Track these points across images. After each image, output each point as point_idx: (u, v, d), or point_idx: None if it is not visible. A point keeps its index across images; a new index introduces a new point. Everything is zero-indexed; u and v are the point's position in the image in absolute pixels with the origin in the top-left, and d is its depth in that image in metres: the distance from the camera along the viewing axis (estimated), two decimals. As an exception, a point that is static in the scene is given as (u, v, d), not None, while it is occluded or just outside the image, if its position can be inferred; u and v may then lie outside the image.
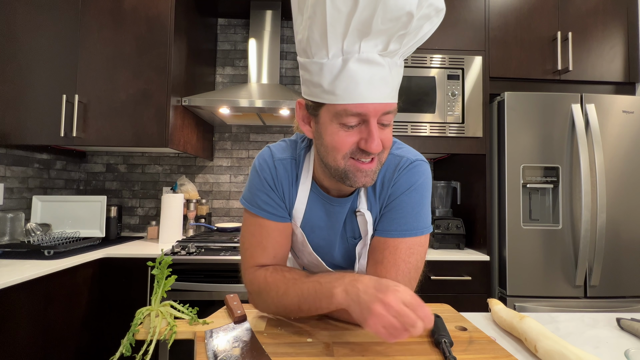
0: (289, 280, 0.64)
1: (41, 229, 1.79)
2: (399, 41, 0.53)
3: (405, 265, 0.65)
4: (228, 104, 1.85)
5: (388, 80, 0.55)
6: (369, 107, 0.54)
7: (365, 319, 0.50)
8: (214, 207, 2.36)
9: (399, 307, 0.49)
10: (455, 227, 1.86)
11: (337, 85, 0.54)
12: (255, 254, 0.70)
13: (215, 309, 0.76)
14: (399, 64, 0.57)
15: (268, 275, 0.67)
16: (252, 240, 0.71)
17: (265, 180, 0.70)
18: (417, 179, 0.68)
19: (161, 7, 1.81)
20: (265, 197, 0.70)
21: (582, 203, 1.61)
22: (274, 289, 0.65)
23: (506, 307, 0.81)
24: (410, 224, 0.66)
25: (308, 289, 0.60)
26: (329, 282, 0.58)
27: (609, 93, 1.91)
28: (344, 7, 0.49)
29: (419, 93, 1.82)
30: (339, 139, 0.58)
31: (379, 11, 0.48)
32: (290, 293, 0.62)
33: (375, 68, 0.53)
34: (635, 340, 0.72)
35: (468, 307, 1.19)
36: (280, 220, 0.70)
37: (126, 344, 0.62)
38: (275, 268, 0.68)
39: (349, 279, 0.56)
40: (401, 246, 0.65)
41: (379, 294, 0.51)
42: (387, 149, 0.61)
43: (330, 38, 0.52)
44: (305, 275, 0.63)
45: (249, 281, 0.70)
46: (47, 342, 1.31)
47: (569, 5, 1.88)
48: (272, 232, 0.70)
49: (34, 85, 1.74)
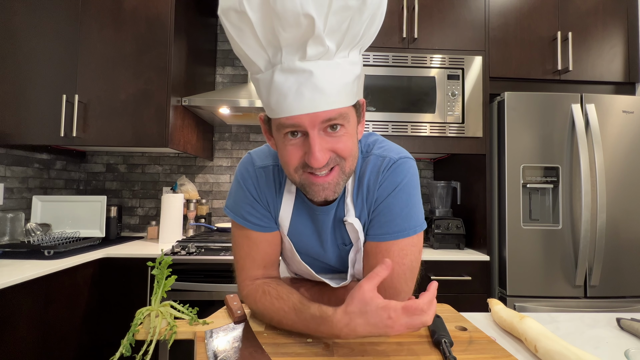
0: (279, 310, 0.62)
1: (41, 229, 1.79)
2: (319, 43, 0.48)
3: (399, 267, 0.63)
4: (228, 104, 1.85)
5: (321, 86, 0.49)
6: (303, 119, 0.51)
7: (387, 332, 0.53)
8: (214, 207, 2.36)
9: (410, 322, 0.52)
10: (455, 227, 1.86)
11: (270, 99, 0.52)
12: (246, 265, 0.70)
13: (215, 309, 0.76)
14: (349, 62, 0.52)
15: (258, 299, 0.66)
16: (241, 253, 0.71)
17: (248, 191, 0.69)
18: (402, 178, 0.65)
19: (161, 7, 1.81)
20: (250, 208, 0.69)
21: (582, 203, 1.61)
22: (267, 317, 0.65)
23: (506, 307, 0.81)
24: (400, 226, 0.64)
25: (301, 328, 0.60)
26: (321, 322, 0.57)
27: (609, 93, 1.91)
28: (243, 26, 0.48)
29: (419, 93, 1.82)
30: (286, 153, 0.56)
31: (275, 21, 0.46)
32: (284, 324, 0.63)
33: (302, 76, 0.49)
34: (635, 340, 0.72)
35: (468, 307, 1.19)
36: (267, 231, 0.70)
37: (126, 344, 0.62)
38: (264, 289, 0.66)
39: (337, 327, 0.55)
40: (393, 249, 0.64)
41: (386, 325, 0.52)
42: (348, 158, 0.57)
43: (250, 55, 0.51)
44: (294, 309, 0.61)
45: (243, 296, 0.71)
46: (47, 342, 1.31)
47: (569, 5, 1.88)
48: (260, 244, 0.70)
49: (34, 85, 1.74)
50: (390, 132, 1.79)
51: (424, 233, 0.66)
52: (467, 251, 1.83)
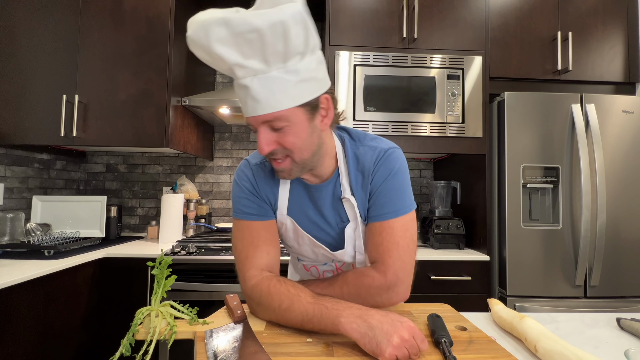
0: (294, 296, 0.66)
1: (41, 229, 1.79)
2: (241, 67, 0.59)
3: (403, 241, 0.72)
4: (228, 104, 1.85)
5: (256, 97, 0.60)
6: (250, 120, 0.65)
7: (382, 350, 0.55)
8: (214, 207, 2.36)
9: (411, 340, 0.56)
10: (455, 227, 1.86)
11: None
12: (250, 254, 0.75)
13: (215, 309, 0.76)
14: (285, 71, 0.60)
15: (272, 285, 0.69)
16: (244, 243, 0.76)
17: (244, 187, 0.78)
18: (395, 164, 0.75)
19: (161, 7, 1.81)
20: (247, 201, 0.78)
21: (582, 203, 1.61)
22: (276, 301, 0.67)
23: (506, 307, 0.81)
24: (398, 205, 0.74)
25: (314, 310, 0.63)
26: (335, 309, 0.61)
27: (609, 93, 1.91)
28: (203, 57, 0.61)
29: (419, 93, 1.82)
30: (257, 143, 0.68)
31: (206, 58, 0.60)
32: (294, 310, 0.65)
33: (244, 89, 0.61)
34: (635, 340, 0.72)
35: (468, 307, 1.19)
36: (264, 219, 0.78)
37: (126, 344, 0.62)
38: (278, 279, 0.71)
39: (358, 312, 0.60)
40: (396, 225, 0.73)
41: (394, 329, 0.56)
42: (294, 150, 0.66)
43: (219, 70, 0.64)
44: (311, 295, 0.66)
45: (249, 288, 0.72)
46: (47, 342, 1.31)
47: (569, 5, 1.88)
48: (260, 230, 0.77)
49: (34, 85, 1.74)
50: (390, 132, 1.79)
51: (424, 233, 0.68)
52: (467, 251, 1.82)
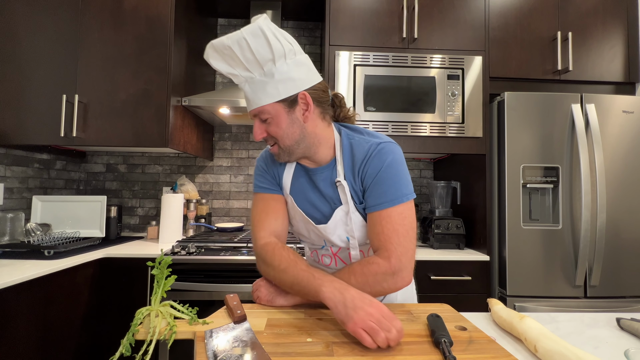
0: (291, 261, 0.76)
1: (41, 229, 1.79)
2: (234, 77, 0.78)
3: (402, 228, 0.76)
4: (228, 104, 1.85)
5: (248, 96, 0.79)
6: (249, 113, 0.82)
7: (347, 321, 0.61)
8: (214, 207, 2.36)
9: (378, 315, 0.60)
10: (455, 227, 1.86)
11: None
12: (262, 219, 0.88)
13: (215, 309, 0.76)
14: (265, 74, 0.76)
15: (277, 248, 0.80)
16: (257, 210, 0.90)
17: (260, 166, 0.94)
18: (387, 157, 0.80)
19: (161, 7, 1.81)
20: (261, 177, 0.92)
21: (582, 203, 1.61)
22: (277, 262, 0.78)
23: (506, 307, 0.81)
24: (394, 194, 0.78)
25: (303, 276, 0.72)
26: (320, 278, 0.70)
27: (609, 93, 1.91)
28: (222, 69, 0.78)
29: (419, 93, 1.82)
30: None
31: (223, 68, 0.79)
32: (288, 272, 0.75)
33: (243, 92, 0.80)
34: (635, 340, 0.72)
35: (468, 307, 1.19)
36: (274, 192, 0.91)
37: (126, 344, 0.62)
38: (284, 245, 0.83)
39: (338, 285, 0.68)
40: (393, 214, 0.77)
41: (363, 305, 0.62)
42: (279, 137, 0.80)
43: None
44: (305, 264, 0.76)
45: (260, 247, 0.83)
46: (47, 342, 1.31)
47: (569, 5, 1.88)
48: (270, 201, 0.90)
49: (34, 85, 1.74)
50: (390, 132, 1.79)
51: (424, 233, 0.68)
52: (467, 251, 1.83)
